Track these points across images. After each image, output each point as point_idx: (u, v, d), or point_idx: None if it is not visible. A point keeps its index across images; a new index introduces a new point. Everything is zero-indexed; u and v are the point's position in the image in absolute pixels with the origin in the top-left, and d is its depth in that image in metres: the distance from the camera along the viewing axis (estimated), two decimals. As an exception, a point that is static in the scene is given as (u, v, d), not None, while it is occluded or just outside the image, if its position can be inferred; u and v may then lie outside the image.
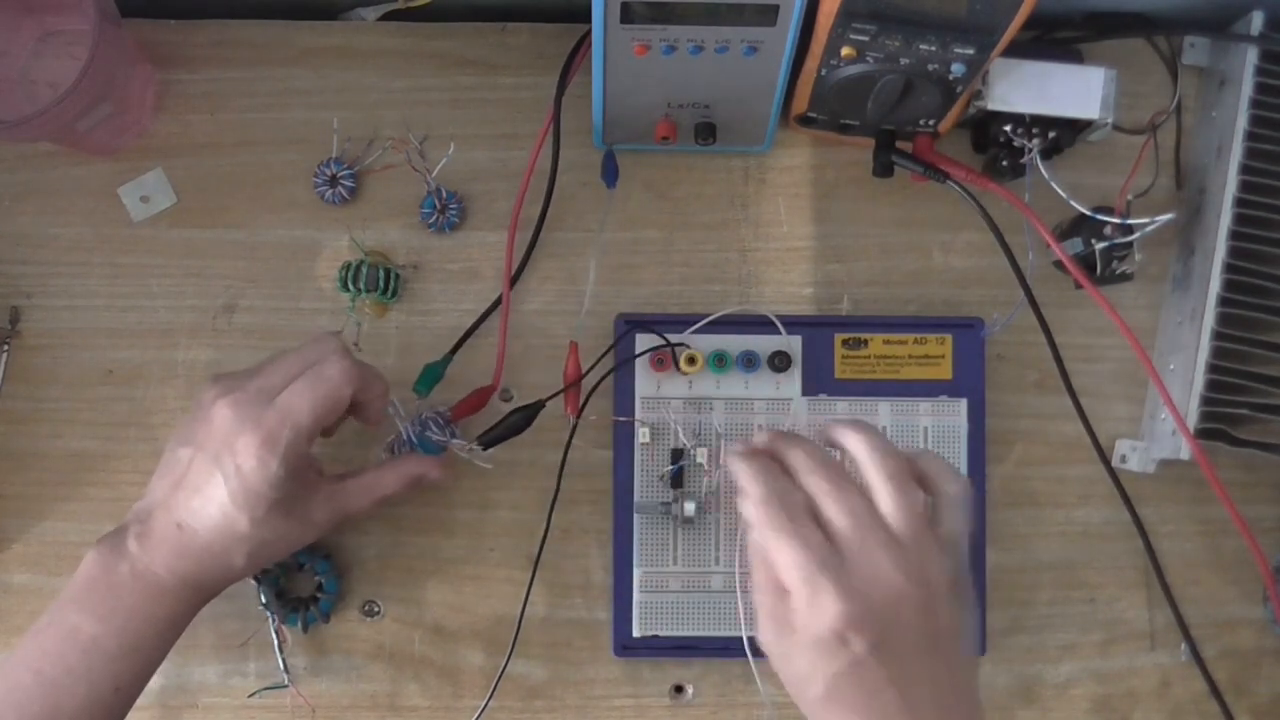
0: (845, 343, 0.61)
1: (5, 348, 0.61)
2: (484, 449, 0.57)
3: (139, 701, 0.59)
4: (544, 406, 0.58)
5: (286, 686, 0.59)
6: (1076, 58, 0.58)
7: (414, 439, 0.57)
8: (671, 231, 0.62)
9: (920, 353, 0.61)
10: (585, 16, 0.51)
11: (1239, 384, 0.58)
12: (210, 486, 0.49)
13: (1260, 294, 0.58)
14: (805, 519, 0.45)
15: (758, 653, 0.57)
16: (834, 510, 0.45)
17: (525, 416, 0.58)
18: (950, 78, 0.53)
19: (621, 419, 0.60)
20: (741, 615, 0.58)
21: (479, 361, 0.60)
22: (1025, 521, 0.62)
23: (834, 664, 0.44)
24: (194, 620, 0.59)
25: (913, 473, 0.47)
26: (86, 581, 0.50)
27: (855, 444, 0.47)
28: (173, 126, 0.62)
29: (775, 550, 0.45)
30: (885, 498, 0.46)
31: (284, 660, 0.59)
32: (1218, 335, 0.58)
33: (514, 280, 0.60)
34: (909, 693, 0.44)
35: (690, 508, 0.58)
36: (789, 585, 0.45)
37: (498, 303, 0.61)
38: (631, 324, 0.60)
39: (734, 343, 0.60)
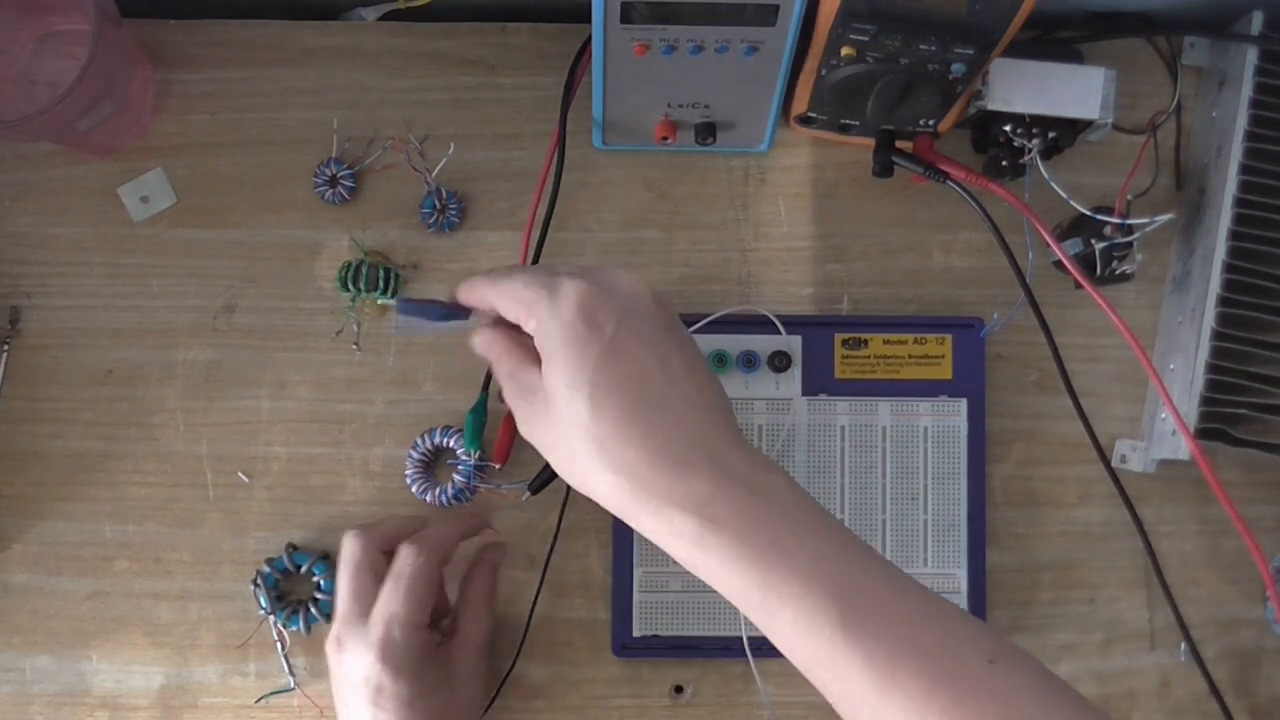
0: (845, 343, 0.61)
1: (5, 348, 0.61)
2: (534, 494, 0.59)
3: (139, 701, 0.59)
4: None
5: (293, 689, 0.59)
6: (1076, 58, 0.58)
7: (465, 493, 0.59)
8: (671, 231, 0.62)
9: (920, 353, 0.61)
10: (585, 16, 0.51)
11: (1239, 384, 0.58)
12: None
13: (1260, 294, 0.58)
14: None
15: (758, 652, 0.58)
16: (558, 264, 0.47)
17: None
18: (950, 78, 0.53)
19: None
20: (742, 615, 0.58)
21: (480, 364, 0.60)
22: (1025, 521, 0.62)
23: (591, 348, 0.43)
24: (194, 621, 0.60)
25: None
26: None
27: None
28: (173, 126, 0.62)
29: (505, 288, 0.45)
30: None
31: (288, 663, 0.59)
32: (1218, 335, 0.58)
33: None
34: (666, 361, 0.44)
35: (690, 508, 0.58)
36: (528, 307, 0.44)
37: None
38: (631, 324, 0.60)
39: (734, 343, 0.60)
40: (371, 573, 0.53)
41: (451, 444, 0.59)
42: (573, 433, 0.43)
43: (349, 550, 0.54)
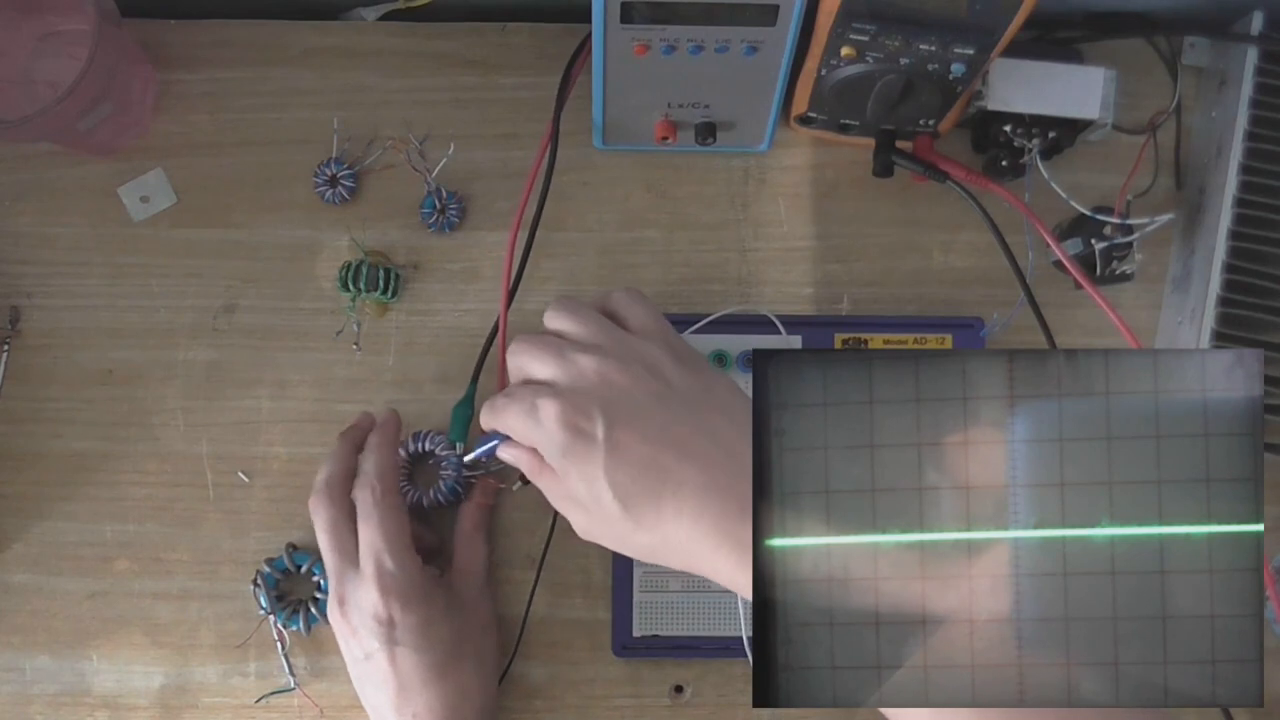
0: (845, 343, 0.61)
1: (5, 348, 0.61)
2: (525, 484, 0.58)
3: (139, 701, 0.59)
4: None
5: (293, 689, 0.59)
6: (1076, 58, 0.58)
7: (457, 488, 0.58)
8: (671, 231, 0.62)
9: (920, 353, 0.61)
10: (585, 16, 0.51)
11: (1239, 384, 0.58)
12: (401, 661, 0.52)
13: (1260, 294, 0.58)
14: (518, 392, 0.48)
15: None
16: (535, 368, 0.48)
17: None
18: (950, 78, 0.53)
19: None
20: (741, 615, 0.58)
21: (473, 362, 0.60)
22: (1025, 521, 0.62)
23: (592, 456, 0.45)
24: (194, 621, 0.60)
25: (600, 309, 0.50)
26: None
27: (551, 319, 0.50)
28: (173, 126, 0.62)
29: (502, 419, 0.48)
30: (568, 326, 0.49)
31: (288, 663, 0.59)
32: (1218, 335, 0.58)
33: (514, 287, 0.59)
34: (666, 430, 0.45)
35: (690, 508, 0.58)
36: (524, 436, 0.48)
37: (496, 328, 0.60)
38: (631, 324, 0.60)
39: (734, 343, 0.60)
40: (348, 524, 0.54)
41: (427, 446, 0.59)
42: (617, 526, 0.46)
43: (320, 515, 0.54)
